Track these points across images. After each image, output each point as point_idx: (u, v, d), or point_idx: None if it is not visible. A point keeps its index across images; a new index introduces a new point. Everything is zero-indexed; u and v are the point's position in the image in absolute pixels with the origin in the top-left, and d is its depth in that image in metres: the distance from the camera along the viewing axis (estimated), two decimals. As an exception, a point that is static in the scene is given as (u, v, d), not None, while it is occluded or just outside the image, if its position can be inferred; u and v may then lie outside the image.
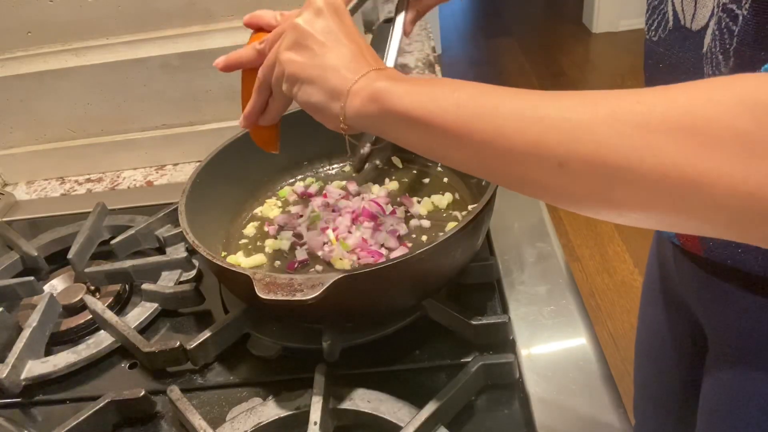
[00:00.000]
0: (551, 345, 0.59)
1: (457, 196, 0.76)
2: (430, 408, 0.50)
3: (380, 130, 0.44)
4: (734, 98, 0.29)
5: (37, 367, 0.63)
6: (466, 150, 0.38)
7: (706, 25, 0.47)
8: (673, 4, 0.51)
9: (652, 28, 0.55)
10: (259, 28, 0.56)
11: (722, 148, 0.29)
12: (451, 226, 0.71)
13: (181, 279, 0.72)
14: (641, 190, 0.31)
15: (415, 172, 0.82)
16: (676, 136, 0.30)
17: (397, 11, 0.63)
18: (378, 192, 0.78)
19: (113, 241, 0.78)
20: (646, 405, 0.88)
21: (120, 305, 0.73)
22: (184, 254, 0.74)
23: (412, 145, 0.42)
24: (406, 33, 0.63)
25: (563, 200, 0.36)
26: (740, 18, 0.41)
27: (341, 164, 0.85)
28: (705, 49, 0.47)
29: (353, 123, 0.44)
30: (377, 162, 0.84)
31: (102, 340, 0.65)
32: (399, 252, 0.67)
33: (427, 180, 0.80)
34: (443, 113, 0.38)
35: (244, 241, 0.74)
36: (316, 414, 0.51)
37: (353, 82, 0.44)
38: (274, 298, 0.49)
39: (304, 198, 0.80)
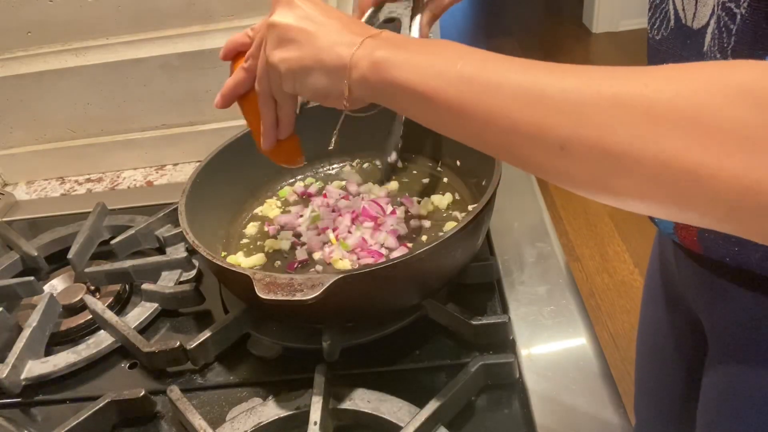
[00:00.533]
0: (551, 345, 0.59)
1: (457, 196, 0.76)
2: (430, 408, 0.50)
3: (384, 101, 0.43)
4: (737, 88, 0.29)
5: (37, 367, 0.63)
6: (468, 127, 0.38)
7: (707, 24, 0.47)
8: (674, 3, 0.51)
9: (654, 26, 0.55)
10: (237, 54, 0.56)
11: (724, 140, 0.28)
12: (451, 226, 0.71)
13: (181, 279, 0.72)
14: (641, 178, 0.31)
15: (415, 172, 0.82)
16: (679, 126, 0.29)
17: (413, 14, 0.62)
18: (378, 192, 0.78)
19: (113, 241, 0.78)
20: (647, 405, 0.88)
21: (120, 305, 0.73)
22: (184, 254, 0.74)
23: (416, 118, 0.42)
24: (422, 36, 0.62)
25: (563, 182, 0.36)
26: (738, 17, 0.41)
27: (341, 164, 0.85)
28: (705, 48, 0.47)
29: (360, 95, 0.44)
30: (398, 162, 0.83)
31: (102, 340, 0.65)
32: (399, 252, 0.67)
33: (427, 180, 0.80)
34: (446, 87, 0.38)
35: (244, 241, 0.74)
36: (316, 414, 0.51)
37: (350, 55, 0.43)
38: (274, 298, 0.49)
39: (304, 198, 0.80)
